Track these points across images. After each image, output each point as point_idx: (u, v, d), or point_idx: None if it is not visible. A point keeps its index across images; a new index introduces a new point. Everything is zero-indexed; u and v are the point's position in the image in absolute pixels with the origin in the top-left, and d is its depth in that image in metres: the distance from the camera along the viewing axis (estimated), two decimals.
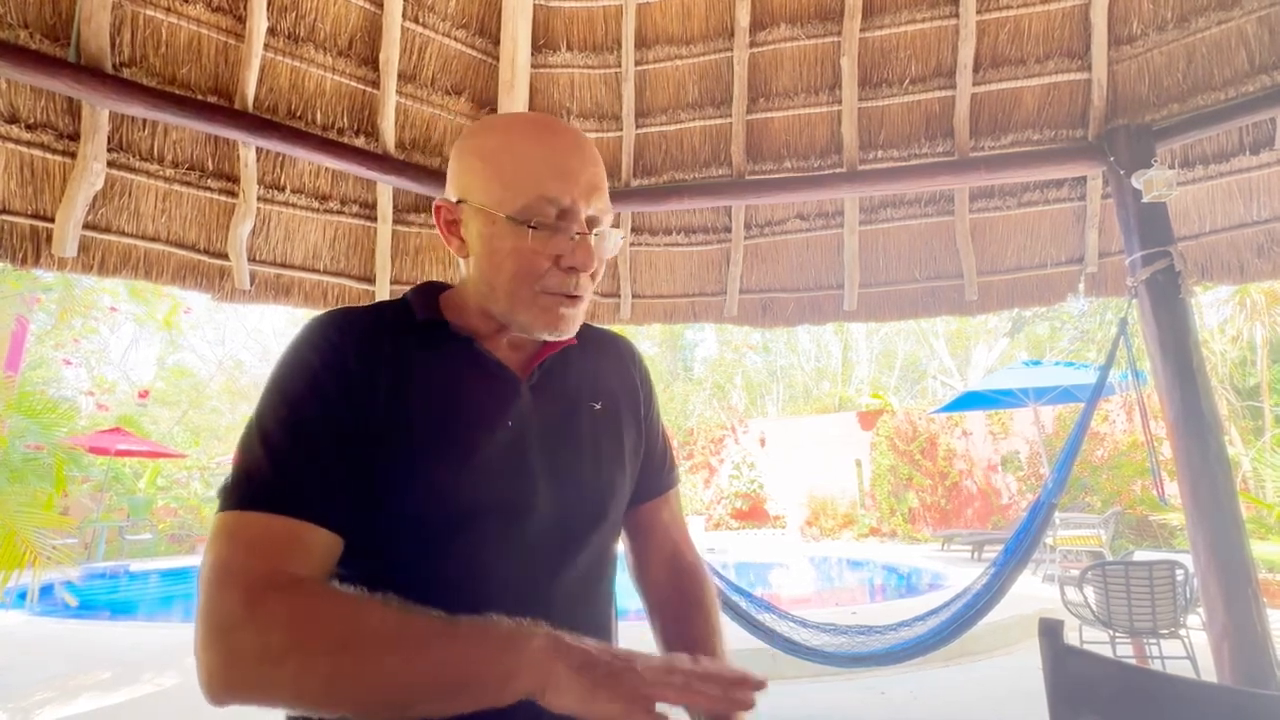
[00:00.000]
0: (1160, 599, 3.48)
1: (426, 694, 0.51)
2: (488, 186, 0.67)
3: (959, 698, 3.66)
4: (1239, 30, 2.53)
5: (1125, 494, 9.29)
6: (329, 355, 0.63)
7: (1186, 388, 2.34)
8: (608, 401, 0.78)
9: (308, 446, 0.60)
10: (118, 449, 10.17)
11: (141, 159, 2.36)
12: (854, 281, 3.10)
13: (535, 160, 0.66)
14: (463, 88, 2.97)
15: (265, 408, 0.62)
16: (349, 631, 0.53)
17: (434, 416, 0.65)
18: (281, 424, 0.60)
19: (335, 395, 0.62)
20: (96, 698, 3.73)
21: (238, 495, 0.58)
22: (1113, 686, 0.72)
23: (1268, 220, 2.61)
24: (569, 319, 0.69)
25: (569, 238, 0.66)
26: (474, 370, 0.70)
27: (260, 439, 0.60)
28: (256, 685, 0.51)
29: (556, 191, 0.65)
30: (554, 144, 0.68)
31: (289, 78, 2.58)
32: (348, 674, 0.51)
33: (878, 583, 8.58)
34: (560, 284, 0.67)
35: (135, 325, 15.17)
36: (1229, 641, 2.15)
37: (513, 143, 0.68)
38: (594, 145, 0.72)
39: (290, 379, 0.63)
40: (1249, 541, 2.25)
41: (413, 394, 0.65)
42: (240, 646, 0.52)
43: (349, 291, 2.86)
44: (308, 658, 0.51)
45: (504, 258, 0.66)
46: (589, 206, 0.67)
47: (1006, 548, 2.93)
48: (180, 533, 12.53)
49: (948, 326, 17.35)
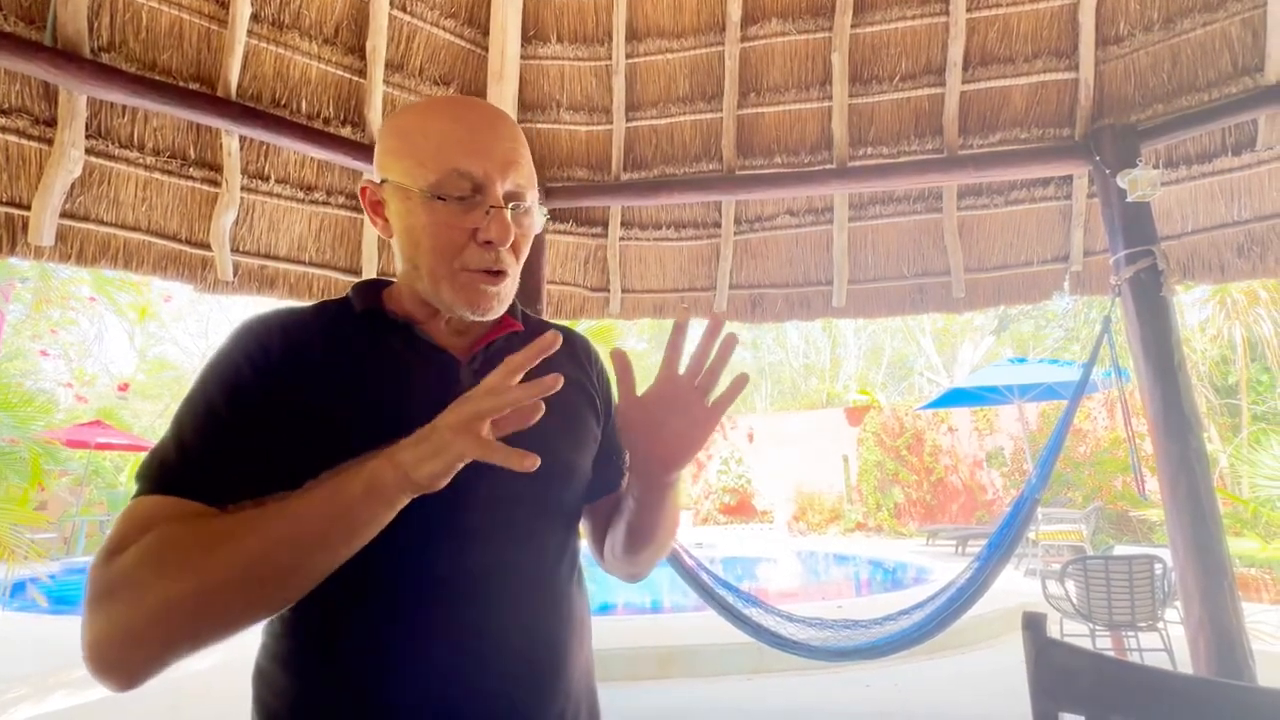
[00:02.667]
0: (1139, 593, 3.54)
1: (306, 544, 0.53)
2: (404, 164, 0.67)
3: (942, 690, 3.70)
4: (1223, 32, 2.56)
5: (1107, 490, 9.44)
6: (252, 347, 0.64)
7: (1168, 385, 2.38)
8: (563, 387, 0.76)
9: (215, 433, 0.60)
10: (97, 442, 10.01)
11: (121, 146, 2.32)
12: (843, 278, 3.11)
13: (448, 135, 0.67)
14: (451, 78, 2.94)
15: (184, 399, 0.63)
16: (203, 530, 0.54)
17: (366, 400, 0.65)
18: (192, 412, 0.61)
19: (252, 384, 0.62)
20: (72, 695, 3.67)
21: (141, 483, 0.59)
22: (1093, 679, 0.73)
23: (1248, 220, 2.65)
24: (491, 296, 0.69)
25: (484, 211, 0.66)
26: (410, 354, 0.70)
27: (173, 427, 0.61)
28: (138, 631, 0.51)
29: (469, 165, 0.65)
30: (468, 119, 0.68)
31: (273, 65, 2.53)
32: (215, 563, 0.51)
33: (863, 577, 8.66)
34: (479, 259, 0.67)
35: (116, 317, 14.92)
36: (1205, 634, 2.19)
37: (428, 120, 0.68)
38: (515, 124, 0.72)
39: (211, 371, 0.64)
40: (1225, 537, 2.29)
41: (343, 380, 0.65)
42: (106, 605, 0.51)
43: (334, 284, 2.83)
44: (166, 568, 0.51)
45: (420, 233, 0.67)
46: (505, 181, 0.67)
47: (990, 543, 2.96)
48: None
49: (935, 324, 17.51)
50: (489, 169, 0.66)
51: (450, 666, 0.61)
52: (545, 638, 0.67)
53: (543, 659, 0.66)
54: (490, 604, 0.64)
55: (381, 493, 0.54)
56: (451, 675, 0.61)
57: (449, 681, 0.61)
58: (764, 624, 3.07)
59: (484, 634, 0.63)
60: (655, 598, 6.53)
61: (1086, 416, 10.23)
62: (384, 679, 0.60)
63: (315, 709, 0.61)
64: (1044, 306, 15.24)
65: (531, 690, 0.64)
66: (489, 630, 0.63)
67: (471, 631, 0.63)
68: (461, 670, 0.61)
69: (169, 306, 17.97)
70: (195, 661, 2.94)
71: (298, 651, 0.63)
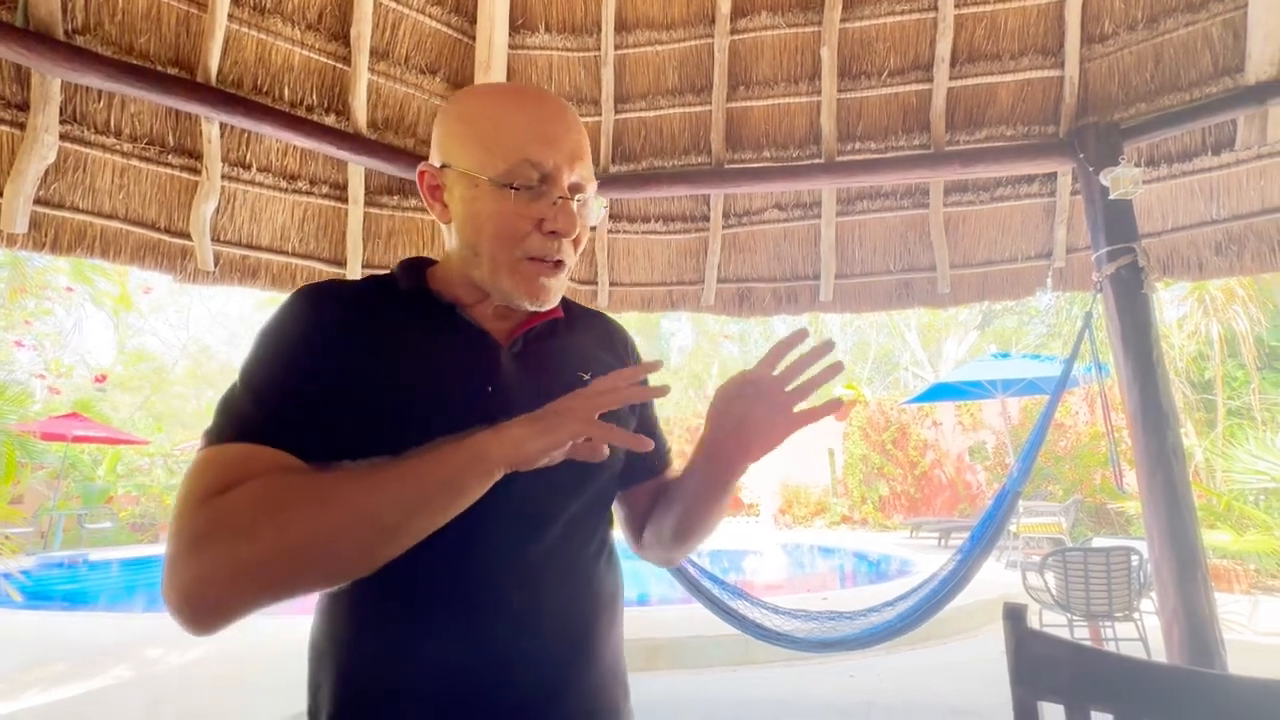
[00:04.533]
0: (1116, 583, 3.62)
1: (412, 506, 0.54)
2: (470, 150, 0.68)
3: (925, 680, 3.76)
4: (1204, 32, 2.59)
5: (1086, 483, 9.61)
6: (310, 317, 0.65)
7: (1146, 381, 2.42)
8: (597, 374, 0.77)
9: (287, 389, 0.61)
10: (74, 435, 9.83)
11: (97, 132, 2.26)
12: (830, 272, 3.13)
13: (519, 124, 0.67)
14: (437, 67, 2.90)
15: (245, 362, 0.63)
16: (315, 483, 0.55)
17: (412, 380, 0.66)
18: (261, 368, 0.62)
19: (316, 350, 0.63)
20: (49, 690, 3.62)
21: (214, 431, 0.59)
22: (1072, 669, 0.75)
23: (1226, 219, 2.70)
24: (549, 288, 0.70)
25: (551, 202, 0.67)
26: (454, 336, 0.70)
27: (242, 382, 0.62)
28: (245, 574, 0.51)
29: (539, 155, 0.66)
30: (538, 109, 0.69)
31: (255, 51, 2.48)
32: (329, 516, 0.52)
33: (848, 569, 8.76)
34: (542, 248, 0.68)
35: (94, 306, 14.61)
36: (1178, 624, 2.24)
37: (497, 107, 0.69)
38: (577, 115, 0.72)
39: (271, 336, 0.64)
40: (1200, 529, 2.34)
41: (391, 359, 0.66)
42: (211, 545, 0.51)
43: (318, 274, 2.79)
44: (281, 515, 0.52)
45: (485, 220, 0.67)
46: (572, 173, 0.68)
47: (973, 535, 3.01)
48: (142, 521, 12.18)
49: (920, 319, 17.67)
50: (558, 160, 0.67)
51: (493, 637, 0.63)
52: (579, 617, 0.69)
53: (577, 635, 0.68)
54: (532, 586, 0.66)
55: (483, 462, 0.55)
56: (495, 645, 0.63)
57: (491, 650, 0.63)
58: (750, 616, 3.10)
59: (527, 612, 0.65)
60: (642, 590, 6.55)
61: (1067, 411, 10.40)
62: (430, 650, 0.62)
63: (368, 676, 0.62)
64: (1027, 302, 15.43)
65: (570, 663, 0.67)
66: (530, 609, 0.65)
67: (516, 610, 0.65)
68: (510, 640, 0.64)
69: (148, 298, 17.67)
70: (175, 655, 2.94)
71: (352, 628, 0.64)
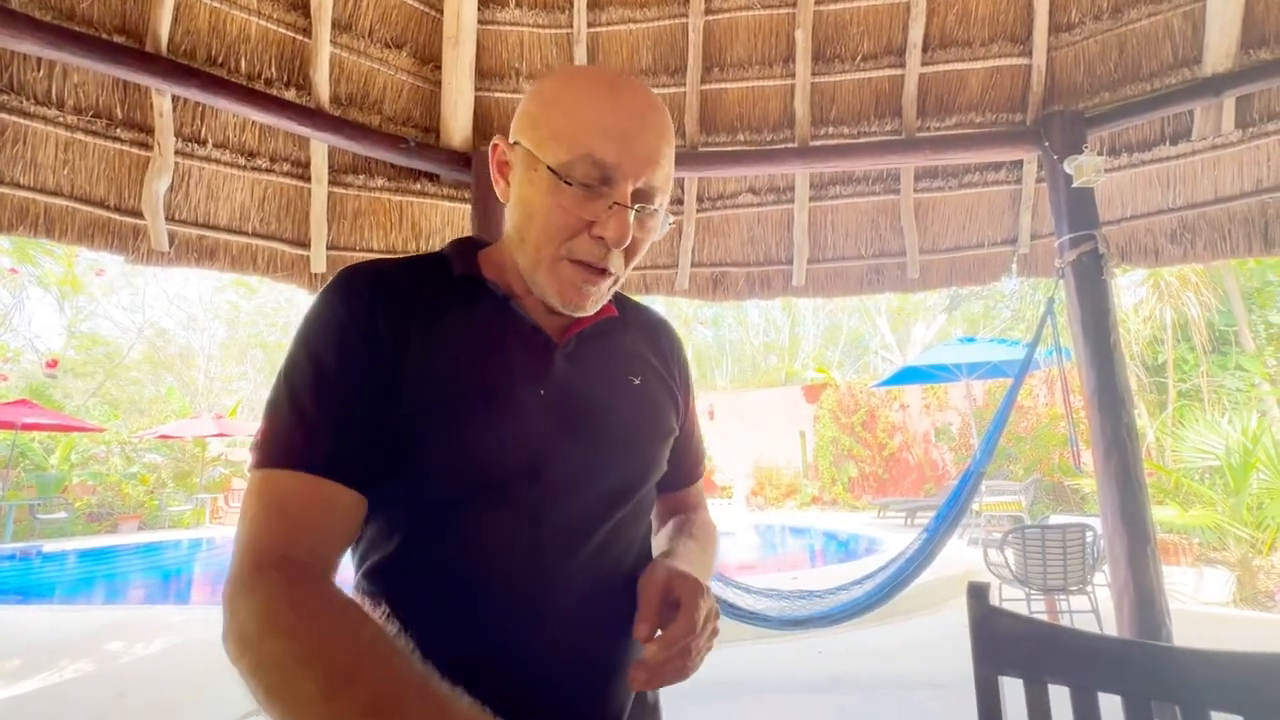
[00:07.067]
0: (1071, 559, 3.77)
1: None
2: (538, 133, 0.64)
3: (891, 655, 3.88)
4: (1166, 23, 2.65)
5: (1045, 462, 9.97)
6: (357, 310, 0.62)
7: (1103, 364, 2.50)
8: (647, 379, 0.75)
9: (333, 405, 0.59)
10: (24, 422, 9.43)
11: (38, 103, 2.14)
12: (803, 257, 3.15)
13: (591, 115, 0.62)
14: (404, 41, 2.81)
15: (291, 364, 0.61)
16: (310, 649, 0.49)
17: (465, 375, 0.63)
18: (307, 380, 0.60)
19: (362, 351, 0.61)
20: (6, 687, 3.50)
21: (264, 452, 0.58)
22: (1031, 645, 0.77)
23: (1181, 208, 2.79)
24: (587, 296, 0.65)
25: (607, 205, 0.62)
26: (509, 331, 0.67)
27: (288, 395, 0.60)
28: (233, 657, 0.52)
29: (604, 153, 0.61)
30: (616, 103, 0.63)
31: (208, 19, 2.36)
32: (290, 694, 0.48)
33: (818, 549, 8.96)
34: (587, 251, 0.63)
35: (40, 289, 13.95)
36: (1129, 595, 2.35)
37: (576, 92, 0.64)
38: (668, 121, 0.66)
39: (316, 334, 0.62)
40: (1150, 505, 2.45)
41: (444, 351, 0.63)
42: (234, 616, 0.52)
43: (281, 256, 2.70)
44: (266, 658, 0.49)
45: (536, 209, 0.64)
46: (638, 179, 0.62)
47: (938, 514, 3.09)
48: (99, 511, 11.79)
49: (890, 303, 17.99)
50: (624, 162, 0.61)
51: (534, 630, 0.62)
52: (617, 618, 0.66)
53: (613, 634, 0.66)
54: (572, 584, 0.64)
55: None
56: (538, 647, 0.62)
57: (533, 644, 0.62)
58: (722, 596, 3.15)
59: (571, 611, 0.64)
60: None
61: (1028, 393, 10.74)
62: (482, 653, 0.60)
63: None
64: (994, 287, 15.81)
65: (608, 651, 0.66)
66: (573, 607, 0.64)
67: (559, 610, 0.63)
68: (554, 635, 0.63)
69: (101, 280, 16.94)
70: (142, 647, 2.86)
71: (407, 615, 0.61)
